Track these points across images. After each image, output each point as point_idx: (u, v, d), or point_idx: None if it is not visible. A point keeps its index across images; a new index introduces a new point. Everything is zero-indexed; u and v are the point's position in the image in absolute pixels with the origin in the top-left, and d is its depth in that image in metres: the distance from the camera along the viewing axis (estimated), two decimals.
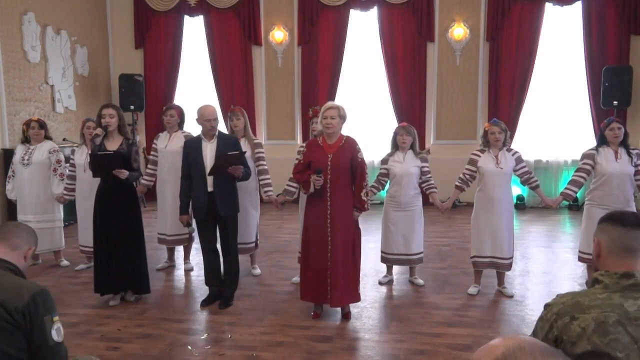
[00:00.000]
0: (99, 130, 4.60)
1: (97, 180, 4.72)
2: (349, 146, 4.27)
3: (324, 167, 4.20)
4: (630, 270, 1.72)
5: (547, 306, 1.78)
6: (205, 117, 4.59)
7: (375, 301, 4.80)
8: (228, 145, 4.58)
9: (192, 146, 4.64)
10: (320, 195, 4.23)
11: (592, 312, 1.66)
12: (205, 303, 4.69)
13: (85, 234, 5.52)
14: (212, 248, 4.72)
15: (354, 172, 4.26)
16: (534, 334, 1.80)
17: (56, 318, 1.90)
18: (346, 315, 4.39)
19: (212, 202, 4.53)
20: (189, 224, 4.78)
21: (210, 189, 4.54)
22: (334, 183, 4.21)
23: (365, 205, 4.29)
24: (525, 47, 8.59)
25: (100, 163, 4.54)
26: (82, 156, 5.47)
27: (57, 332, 1.88)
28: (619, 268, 1.75)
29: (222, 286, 4.75)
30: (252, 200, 5.35)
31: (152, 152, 5.79)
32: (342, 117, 4.26)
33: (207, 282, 4.80)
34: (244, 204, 4.97)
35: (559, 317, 1.70)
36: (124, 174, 4.51)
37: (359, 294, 4.42)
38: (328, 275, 4.22)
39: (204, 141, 4.63)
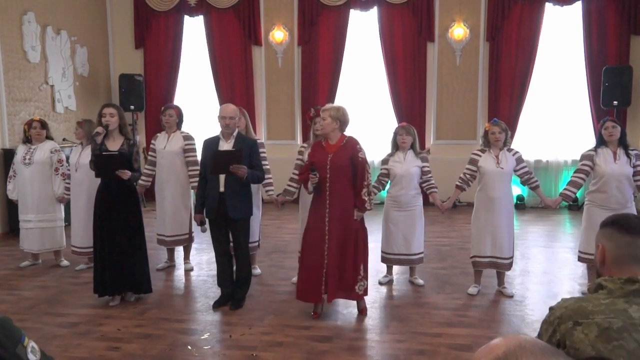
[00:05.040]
0: (99, 129, 4.60)
1: (91, 180, 4.71)
2: (350, 146, 4.26)
3: (323, 166, 4.20)
4: (634, 276, 1.68)
5: (551, 309, 1.76)
6: (219, 114, 4.62)
7: (375, 301, 4.80)
8: (244, 146, 4.54)
9: (209, 145, 4.62)
10: (320, 194, 4.23)
11: (595, 317, 1.62)
12: (217, 304, 4.66)
13: (78, 234, 5.53)
14: (224, 249, 4.69)
15: (355, 172, 4.25)
16: (539, 336, 1.77)
17: (26, 341, 1.74)
18: (362, 311, 4.44)
19: (223, 202, 4.50)
20: (202, 223, 4.72)
21: (221, 189, 4.50)
22: (334, 183, 4.20)
23: (366, 205, 4.25)
24: (525, 47, 8.59)
25: (105, 163, 4.54)
26: (75, 156, 5.55)
27: (32, 353, 1.74)
28: (623, 275, 1.70)
29: (234, 287, 4.73)
30: (255, 199, 5.34)
31: (150, 153, 5.79)
32: (335, 118, 4.23)
33: (219, 283, 4.78)
34: None
35: (562, 320, 1.68)
36: (126, 174, 4.51)
37: (358, 294, 4.36)
38: (323, 274, 4.22)
39: (221, 140, 4.62)
